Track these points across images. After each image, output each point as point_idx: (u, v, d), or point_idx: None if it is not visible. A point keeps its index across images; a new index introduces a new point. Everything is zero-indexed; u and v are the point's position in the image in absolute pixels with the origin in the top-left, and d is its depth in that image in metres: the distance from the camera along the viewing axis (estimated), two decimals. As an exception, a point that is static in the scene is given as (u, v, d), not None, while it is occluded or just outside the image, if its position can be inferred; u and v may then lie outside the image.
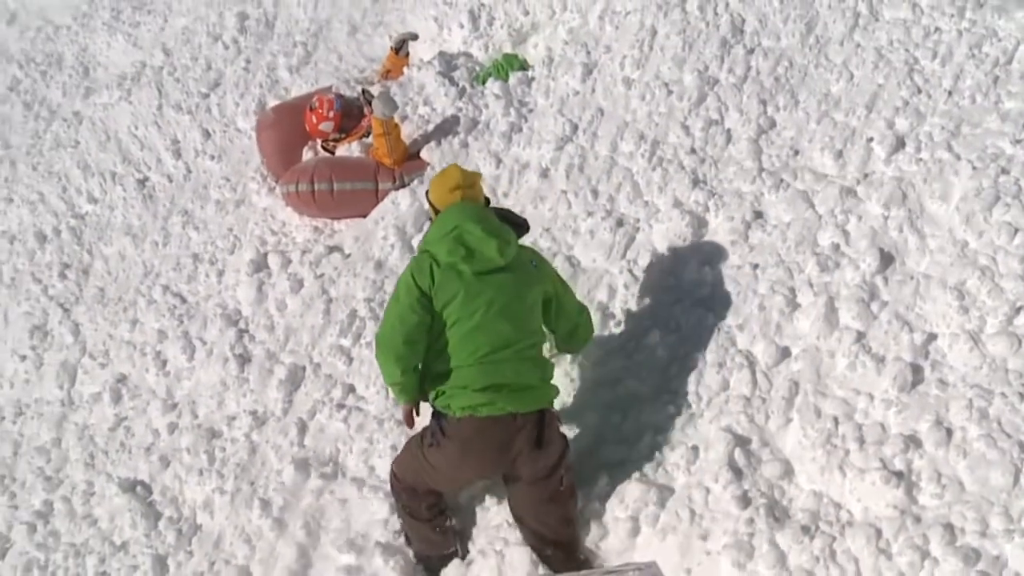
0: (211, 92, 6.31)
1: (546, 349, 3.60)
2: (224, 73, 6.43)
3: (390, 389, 3.46)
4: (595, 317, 3.96)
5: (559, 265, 4.12)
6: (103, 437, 4.58)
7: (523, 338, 3.31)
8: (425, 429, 3.34)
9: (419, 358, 3.29)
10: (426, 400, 3.35)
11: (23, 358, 5.23)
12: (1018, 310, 3.35)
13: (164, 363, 4.74)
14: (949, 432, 3.14)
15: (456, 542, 3.47)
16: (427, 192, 3.53)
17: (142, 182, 5.99)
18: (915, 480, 3.09)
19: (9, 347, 5.34)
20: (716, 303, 3.85)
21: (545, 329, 3.51)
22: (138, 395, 4.68)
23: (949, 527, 2.92)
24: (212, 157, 5.92)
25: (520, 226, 3.57)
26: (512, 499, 3.40)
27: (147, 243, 5.53)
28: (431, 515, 3.43)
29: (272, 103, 5.86)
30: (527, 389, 3.27)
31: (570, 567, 3.26)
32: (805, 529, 3.10)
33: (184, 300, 5.00)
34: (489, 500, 3.58)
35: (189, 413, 4.42)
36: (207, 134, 6.06)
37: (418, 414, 3.42)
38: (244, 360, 4.47)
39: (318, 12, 6.60)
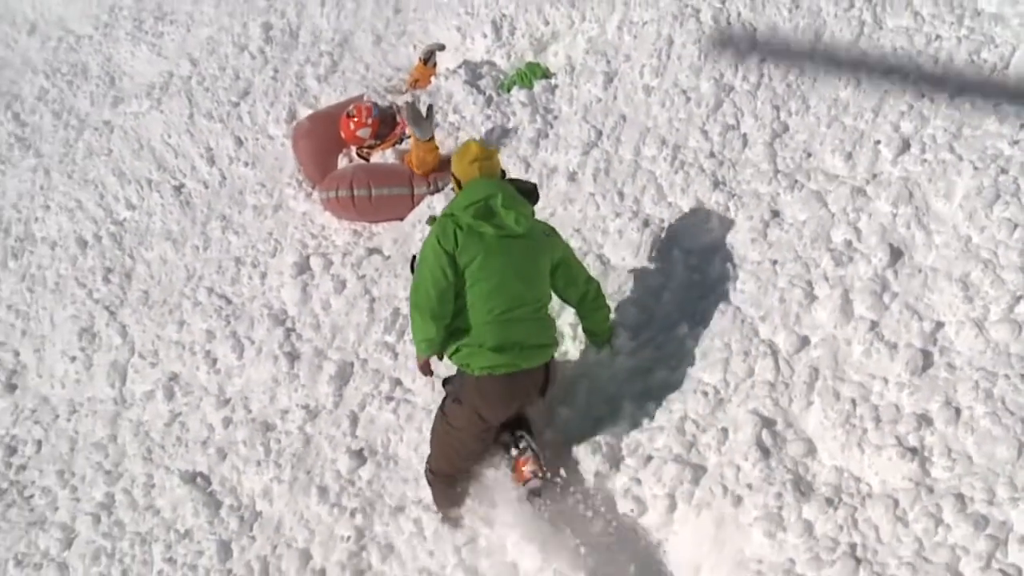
0: (241, 101, 6.55)
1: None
2: (252, 82, 6.66)
3: (418, 344, 3.71)
4: (628, 312, 4.27)
5: (590, 263, 4.42)
6: (159, 432, 4.84)
7: (535, 299, 3.70)
8: (443, 402, 3.75)
9: (450, 315, 3.61)
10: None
11: (73, 359, 5.47)
12: (1019, 299, 3.64)
13: (214, 361, 5.00)
14: (958, 411, 3.43)
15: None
16: (451, 166, 3.88)
17: (178, 188, 6.23)
18: (927, 455, 3.39)
19: (58, 349, 5.58)
20: (739, 297, 4.13)
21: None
22: (190, 392, 4.94)
23: (960, 496, 3.22)
24: (246, 164, 6.16)
25: (531, 193, 3.91)
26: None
27: (187, 247, 5.77)
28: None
29: (302, 111, 6.13)
30: (537, 347, 3.69)
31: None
32: (829, 501, 3.40)
33: (229, 302, 5.26)
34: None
35: (243, 408, 4.68)
36: (239, 141, 6.30)
37: (430, 372, 3.87)
38: (293, 357, 4.74)
39: (341, 22, 6.84)
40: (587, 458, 3.84)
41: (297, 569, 3.97)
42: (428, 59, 5.72)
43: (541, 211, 4.74)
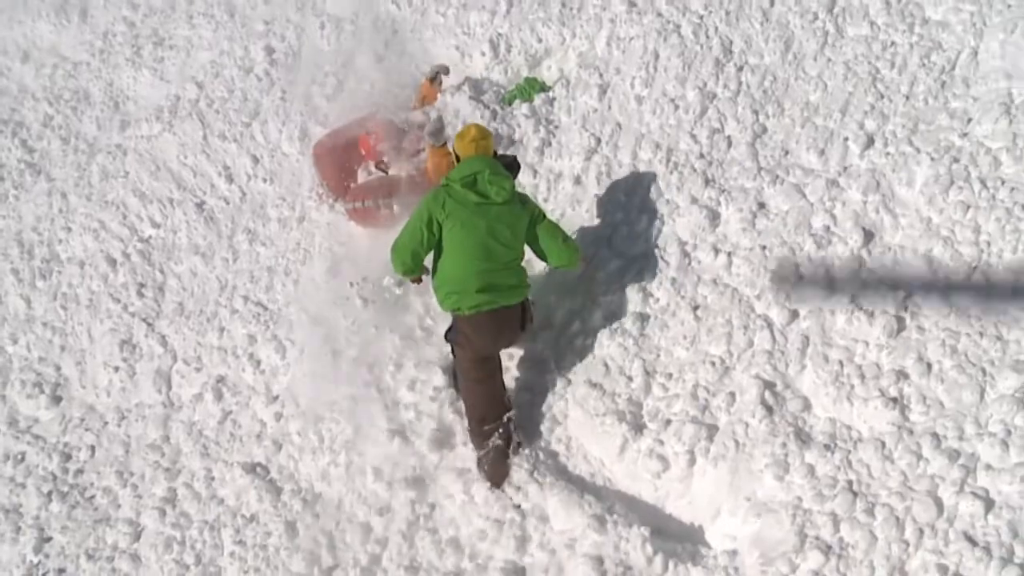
0: (252, 121, 6.91)
1: None
2: (262, 103, 7.04)
3: (396, 270, 4.60)
4: (636, 297, 4.82)
5: (601, 253, 4.98)
6: (212, 430, 5.19)
7: (509, 254, 4.46)
8: (452, 355, 4.67)
9: (420, 262, 4.52)
10: (424, 273, 4.61)
11: (116, 369, 5.76)
12: (974, 269, 4.26)
13: (258, 363, 5.39)
14: (929, 365, 4.04)
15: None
16: (453, 144, 4.71)
17: (200, 205, 6.57)
18: (906, 403, 3.98)
19: (99, 360, 5.87)
20: (735, 279, 4.69)
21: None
22: (238, 392, 5.32)
23: (935, 435, 3.82)
24: (264, 180, 6.54)
25: (511, 166, 4.81)
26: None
27: (216, 260, 6.12)
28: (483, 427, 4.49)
29: (314, 129, 6.54)
30: (513, 288, 4.48)
31: None
32: (826, 447, 3.99)
33: (266, 308, 5.66)
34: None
35: (292, 403, 5.10)
36: (255, 159, 6.68)
37: (419, 282, 4.76)
38: (335, 355, 5.18)
39: (341, 43, 7.26)
40: (614, 426, 4.39)
41: (361, 541, 4.42)
42: (435, 79, 6.20)
43: (552, 212, 5.31)
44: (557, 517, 4.22)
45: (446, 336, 4.69)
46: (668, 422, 4.33)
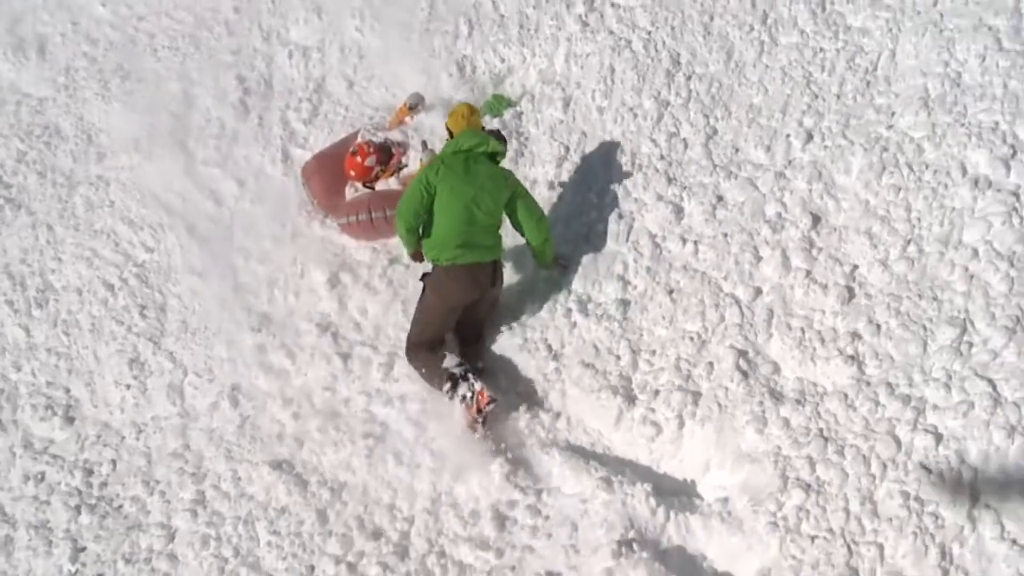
0: (232, 147, 7.31)
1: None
2: (240, 130, 7.40)
3: (402, 240, 5.36)
4: (616, 286, 5.40)
5: (580, 249, 5.55)
6: (233, 435, 5.50)
7: (488, 220, 5.19)
8: (422, 293, 5.31)
9: (420, 223, 5.21)
10: (421, 251, 5.33)
11: (127, 387, 6.01)
12: (908, 242, 4.93)
13: (269, 369, 5.78)
14: (878, 326, 4.68)
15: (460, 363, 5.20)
16: (446, 122, 5.62)
17: (191, 229, 6.87)
18: (862, 359, 4.62)
19: (109, 380, 6.10)
20: (703, 264, 5.28)
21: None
22: (254, 397, 5.67)
23: (888, 384, 4.46)
24: (252, 202, 6.88)
25: (502, 140, 5.48)
26: (464, 314, 5.35)
27: (214, 279, 6.40)
28: (438, 363, 5.18)
29: (296, 152, 6.95)
30: (488, 247, 5.21)
31: (480, 349, 5.43)
32: (798, 402, 4.60)
33: (270, 320, 6.05)
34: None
35: (307, 403, 5.49)
36: (241, 183, 7.03)
37: (420, 260, 5.41)
38: (345, 356, 5.62)
39: (311, 70, 7.68)
40: (609, 400, 4.96)
41: (389, 520, 4.86)
42: (415, 107, 6.66)
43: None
44: (567, 482, 4.75)
45: (422, 277, 5.35)
46: (656, 392, 4.90)
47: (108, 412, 6.08)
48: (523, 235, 5.42)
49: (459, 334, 5.48)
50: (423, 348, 5.30)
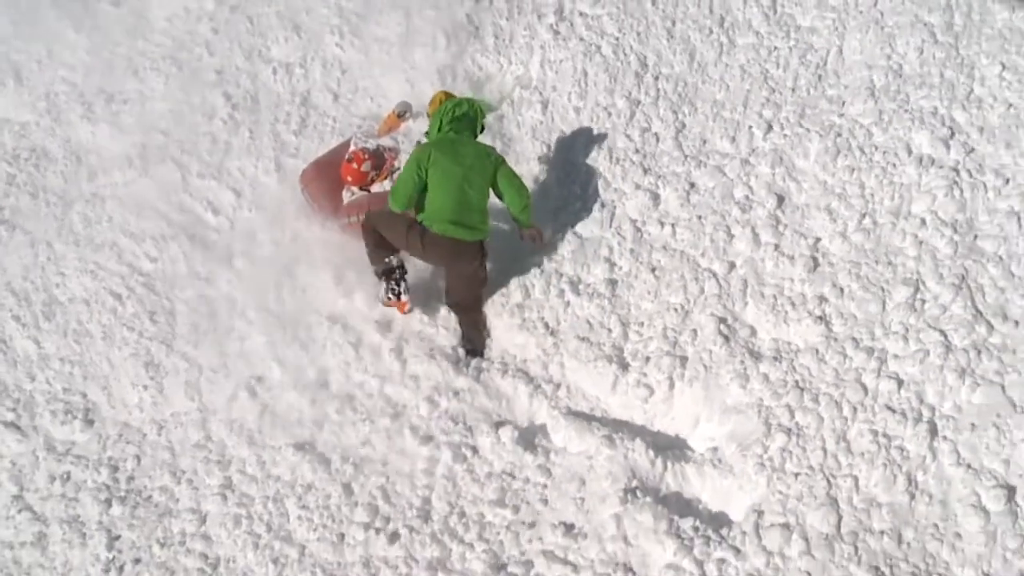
0: (225, 159, 7.63)
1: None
2: (232, 143, 7.70)
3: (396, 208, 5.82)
4: (604, 267, 5.92)
5: (569, 236, 6.07)
6: (254, 423, 5.78)
7: (476, 198, 5.65)
8: (412, 223, 5.76)
9: (412, 199, 5.71)
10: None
11: (144, 387, 6.22)
12: (864, 215, 5.56)
13: (284, 361, 6.11)
14: (841, 289, 5.29)
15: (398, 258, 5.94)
16: (427, 111, 6.23)
17: (192, 238, 7.19)
18: (829, 319, 5.21)
19: (125, 383, 6.31)
20: (681, 244, 5.84)
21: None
22: (271, 388, 5.98)
23: (854, 339, 5.05)
24: (249, 210, 7.19)
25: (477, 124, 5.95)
26: (450, 284, 5.91)
27: (221, 283, 6.68)
28: (383, 253, 5.95)
29: (288, 162, 7.27)
30: (473, 227, 5.65)
31: (475, 321, 5.92)
32: (775, 359, 5.16)
33: (280, 317, 6.43)
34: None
35: (323, 389, 5.83)
36: (237, 193, 7.33)
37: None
38: (356, 344, 6.02)
39: (295, 85, 8.07)
40: (604, 368, 5.47)
41: (411, 488, 5.27)
42: (403, 114, 7.11)
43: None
44: (572, 442, 5.24)
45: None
46: (647, 359, 5.43)
47: (127, 412, 6.30)
48: (505, 202, 5.91)
49: (449, 305, 6.04)
50: (377, 234, 5.89)
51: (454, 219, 5.61)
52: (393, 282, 5.94)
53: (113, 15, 9.90)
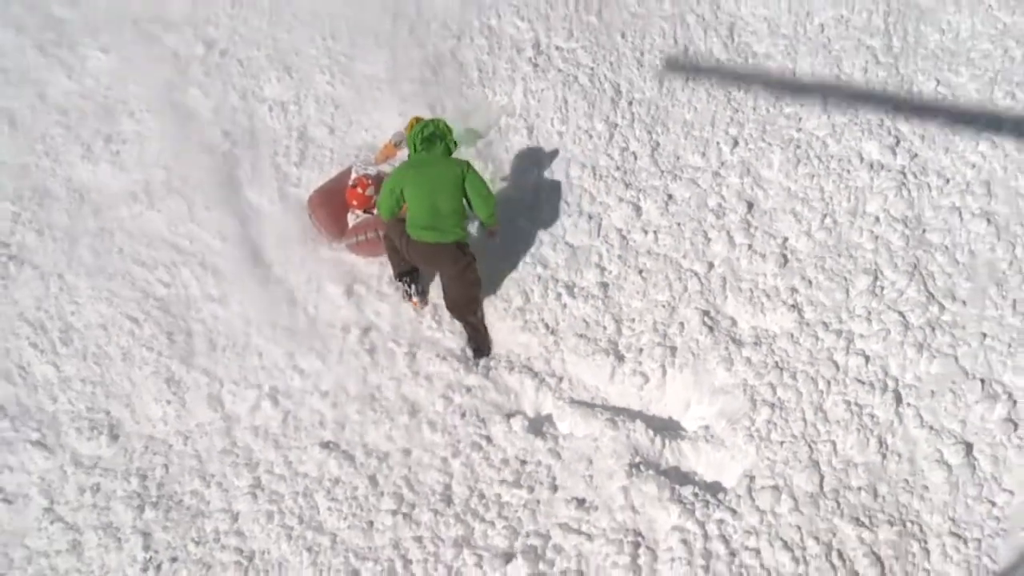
0: (230, 192, 8.03)
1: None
2: (234, 175, 8.14)
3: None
4: (595, 272, 6.52)
5: (560, 248, 6.67)
6: (278, 428, 6.17)
7: (449, 206, 6.09)
8: (402, 233, 6.28)
9: (394, 212, 6.23)
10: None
11: (168, 402, 6.56)
12: (825, 216, 6.27)
13: (302, 371, 6.56)
14: (810, 281, 5.96)
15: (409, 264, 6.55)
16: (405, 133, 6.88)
17: (203, 263, 7.58)
18: (801, 307, 5.86)
19: (148, 399, 6.62)
20: (664, 248, 6.48)
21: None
22: (291, 396, 6.41)
23: (824, 323, 5.72)
24: (257, 236, 7.63)
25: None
26: (444, 287, 6.43)
27: (234, 303, 7.07)
28: (400, 260, 6.54)
29: (291, 191, 7.73)
30: (446, 230, 6.09)
31: (475, 325, 6.43)
32: (755, 344, 5.80)
33: (294, 331, 6.88)
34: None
35: (343, 393, 6.29)
36: (244, 221, 7.74)
37: None
38: (371, 351, 6.52)
39: (290, 121, 8.55)
40: (602, 360, 6.05)
41: (432, 476, 5.79)
42: (398, 143, 7.67)
43: (513, 222, 6.95)
44: (578, 427, 5.80)
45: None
46: (641, 350, 6.03)
47: (151, 426, 6.62)
48: (472, 207, 6.38)
49: (449, 310, 6.57)
50: (392, 243, 6.57)
51: (427, 225, 6.09)
52: (407, 283, 6.62)
53: (103, 61, 10.30)
